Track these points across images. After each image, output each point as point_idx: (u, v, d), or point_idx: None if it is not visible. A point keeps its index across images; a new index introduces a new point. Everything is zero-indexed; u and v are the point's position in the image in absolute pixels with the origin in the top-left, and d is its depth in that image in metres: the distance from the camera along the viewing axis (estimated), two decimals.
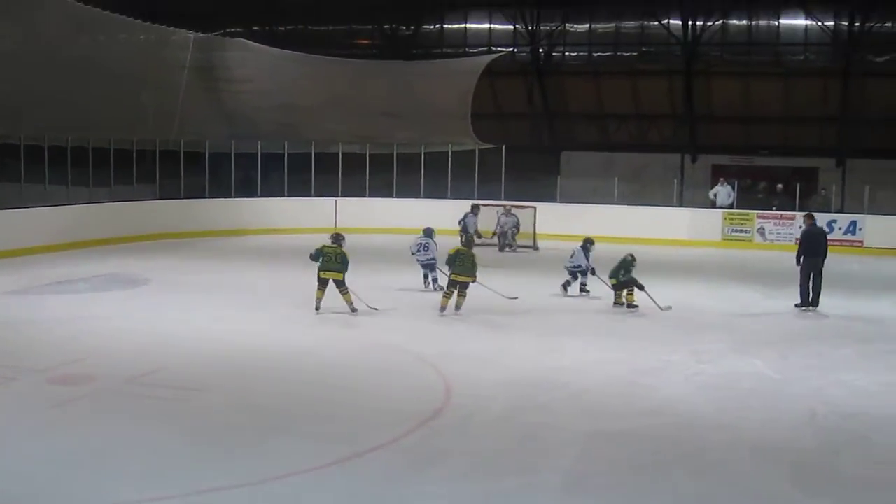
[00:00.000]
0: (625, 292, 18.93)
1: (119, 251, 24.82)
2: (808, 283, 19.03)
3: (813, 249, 19.17)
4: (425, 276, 20.85)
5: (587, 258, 20.32)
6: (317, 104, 33.14)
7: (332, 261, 17.44)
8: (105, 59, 27.38)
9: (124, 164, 30.03)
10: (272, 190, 32.99)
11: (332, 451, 9.96)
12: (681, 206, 33.07)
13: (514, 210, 29.24)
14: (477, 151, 34.11)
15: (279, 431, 10.78)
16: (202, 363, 13.86)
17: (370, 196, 33.21)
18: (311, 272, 18.36)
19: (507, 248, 28.67)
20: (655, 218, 31.46)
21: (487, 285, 18.45)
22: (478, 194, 31.99)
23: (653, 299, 18.49)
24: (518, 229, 29.02)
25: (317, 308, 17.49)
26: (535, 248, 28.68)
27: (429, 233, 21.06)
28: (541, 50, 40.32)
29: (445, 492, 9.00)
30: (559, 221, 30.13)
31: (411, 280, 20.78)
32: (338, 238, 17.96)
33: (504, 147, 34.04)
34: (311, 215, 31.95)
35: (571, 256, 20.46)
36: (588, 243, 20.56)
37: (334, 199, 32.67)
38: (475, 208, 28.38)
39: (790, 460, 10.18)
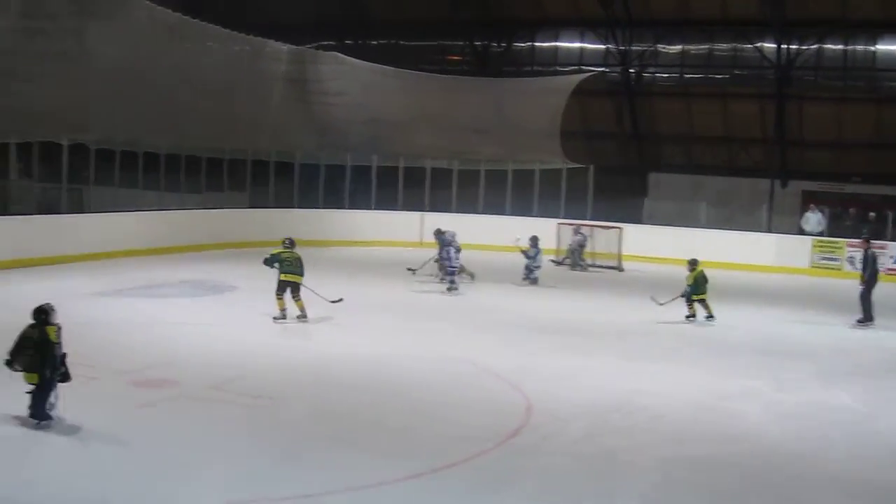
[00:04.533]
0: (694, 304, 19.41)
1: (207, 257, 25.22)
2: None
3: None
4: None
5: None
6: (407, 119, 33.40)
7: (293, 265, 17.55)
8: (200, 68, 27.86)
9: (216, 171, 30.55)
10: (360, 202, 33.26)
11: (407, 466, 10.03)
12: (769, 231, 32.64)
13: (583, 229, 29.10)
14: (565, 170, 34.08)
15: (355, 444, 10.89)
16: (283, 372, 14.04)
17: (457, 212, 33.30)
18: (396, 285, 18.57)
19: (578, 268, 28.51)
20: (743, 243, 31.10)
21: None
22: (564, 213, 31.94)
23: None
24: (583, 248, 28.84)
25: (276, 318, 17.44)
26: (619, 269, 28.52)
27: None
28: (632, 70, 40.16)
29: None
30: (645, 243, 29.98)
31: (485, 294, 20.79)
32: (293, 243, 18.09)
33: (592, 167, 33.98)
34: (397, 229, 32.18)
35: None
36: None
37: (421, 213, 32.84)
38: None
39: (871, 496, 10.04)
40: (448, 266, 22.44)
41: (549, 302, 20.31)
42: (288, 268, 17.46)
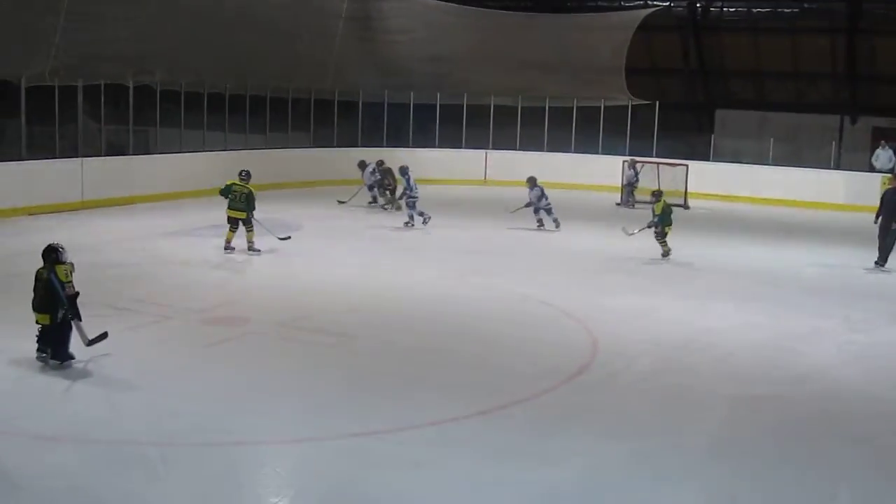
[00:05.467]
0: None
1: (273, 197, 25.30)
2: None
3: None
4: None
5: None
6: (470, 56, 33.15)
7: (236, 200, 17.66)
8: (263, 8, 27.82)
9: (280, 112, 30.62)
10: (423, 140, 33.20)
11: (474, 403, 10.09)
12: (838, 168, 32.11)
13: (636, 165, 28.77)
14: (630, 107, 33.71)
15: (422, 381, 10.98)
16: (351, 310, 14.16)
17: (520, 149, 33.13)
18: (459, 224, 18.49)
19: (627, 205, 28.23)
20: (811, 180, 30.65)
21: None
22: (629, 150, 31.64)
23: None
24: (633, 185, 28.51)
25: (226, 248, 17.73)
26: (685, 206, 28.22)
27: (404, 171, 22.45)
28: (698, 5, 39.40)
29: (587, 449, 9.07)
30: (712, 180, 29.65)
31: (550, 233, 20.76)
32: (246, 175, 18.11)
33: (658, 103, 33.56)
34: (460, 167, 32.12)
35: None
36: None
37: (484, 151, 32.75)
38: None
39: None
40: (411, 198, 22.56)
41: (614, 240, 20.19)
42: (231, 203, 17.70)
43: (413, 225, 22.03)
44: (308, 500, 7.91)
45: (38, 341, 10.69)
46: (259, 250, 17.66)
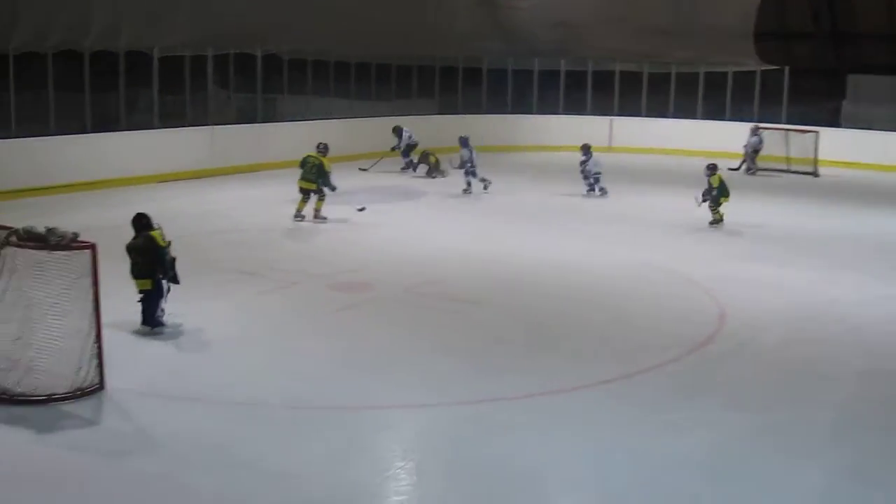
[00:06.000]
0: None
1: (398, 163, 25.52)
2: None
3: None
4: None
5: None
6: (595, 22, 32.76)
7: (308, 170, 17.64)
8: None
9: (405, 79, 30.80)
10: (548, 107, 33.05)
11: (600, 371, 10.10)
12: None
13: (759, 130, 28.12)
14: (758, 72, 33.00)
15: (547, 349, 11.03)
16: (477, 277, 14.25)
17: (647, 115, 32.75)
18: (581, 190, 18.40)
19: (751, 172, 27.60)
20: None
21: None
22: (757, 117, 31.00)
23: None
24: (757, 152, 27.86)
25: (296, 216, 17.73)
26: (815, 174, 27.59)
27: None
28: None
29: (713, 419, 9.00)
30: (843, 148, 28.89)
31: (680, 201, 20.48)
32: (323, 148, 18.06)
33: (787, 68, 32.79)
34: (585, 133, 31.86)
35: None
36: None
37: (609, 117, 32.44)
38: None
39: None
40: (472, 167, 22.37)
41: (742, 208, 19.86)
42: (303, 173, 17.75)
43: (471, 192, 22.12)
44: (433, 465, 8.02)
45: (143, 312, 10.74)
46: (325, 218, 17.73)
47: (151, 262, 10.53)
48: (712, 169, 18.73)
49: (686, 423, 8.82)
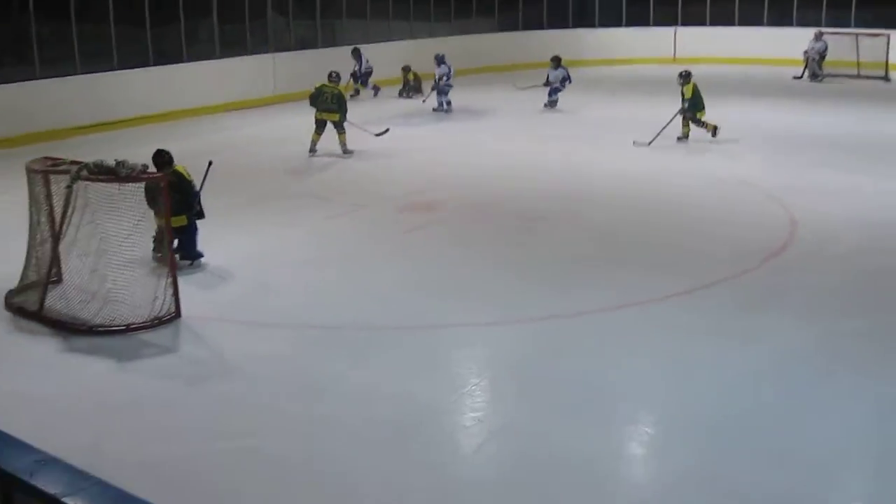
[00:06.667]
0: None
1: (460, 83, 25.38)
2: None
3: None
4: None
5: None
6: None
7: (328, 101, 16.81)
8: None
9: None
10: (610, 19, 32.57)
11: (673, 283, 10.05)
12: None
13: (823, 35, 27.45)
14: None
15: (623, 261, 10.99)
16: (548, 192, 14.25)
17: (711, 24, 32.13)
18: (645, 101, 18.19)
19: (817, 78, 27.02)
20: None
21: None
22: (825, 21, 30.28)
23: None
24: (823, 57, 27.22)
25: (311, 150, 16.95)
26: (886, 78, 26.97)
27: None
28: None
29: (785, 328, 8.94)
30: None
31: (747, 111, 20.23)
32: (336, 77, 17.41)
33: None
34: (648, 46, 31.43)
35: None
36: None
37: (673, 28, 31.91)
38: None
39: None
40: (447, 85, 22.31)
41: (811, 115, 19.56)
42: (321, 104, 16.95)
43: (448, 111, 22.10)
44: (507, 382, 8.07)
45: (180, 247, 10.55)
46: (352, 151, 17.06)
47: (182, 198, 10.32)
48: (685, 77, 17.68)
49: (760, 334, 8.76)
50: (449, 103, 22.22)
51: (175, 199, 9.86)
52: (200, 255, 10.74)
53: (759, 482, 6.18)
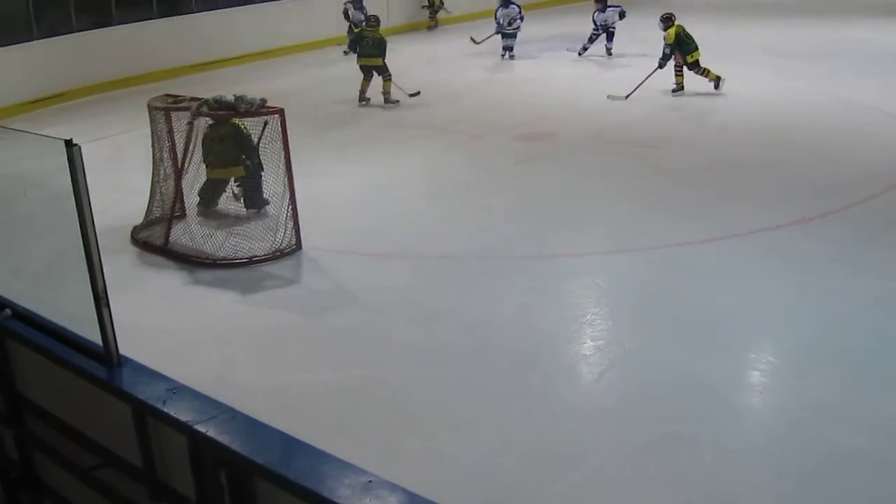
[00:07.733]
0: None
1: (566, 11, 25.03)
2: None
3: None
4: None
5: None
6: None
7: (369, 46, 15.98)
8: None
9: None
10: None
11: (795, 211, 9.84)
12: None
13: None
14: None
15: (739, 189, 10.80)
16: (663, 121, 14.12)
17: None
18: (774, 24, 17.71)
19: None
20: None
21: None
22: None
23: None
24: None
25: (360, 100, 16.08)
26: None
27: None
28: None
29: None
30: None
31: (868, 34, 19.52)
32: (375, 21, 16.58)
33: None
34: None
35: None
36: None
37: None
38: None
39: None
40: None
41: None
42: (364, 50, 16.17)
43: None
44: (626, 310, 8.01)
45: (245, 199, 10.33)
46: (398, 101, 16.02)
47: (240, 150, 10.09)
48: (666, 21, 15.58)
49: (884, 262, 8.55)
50: (512, 49, 20.18)
51: (227, 152, 9.91)
52: (267, 202, 10.15)
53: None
